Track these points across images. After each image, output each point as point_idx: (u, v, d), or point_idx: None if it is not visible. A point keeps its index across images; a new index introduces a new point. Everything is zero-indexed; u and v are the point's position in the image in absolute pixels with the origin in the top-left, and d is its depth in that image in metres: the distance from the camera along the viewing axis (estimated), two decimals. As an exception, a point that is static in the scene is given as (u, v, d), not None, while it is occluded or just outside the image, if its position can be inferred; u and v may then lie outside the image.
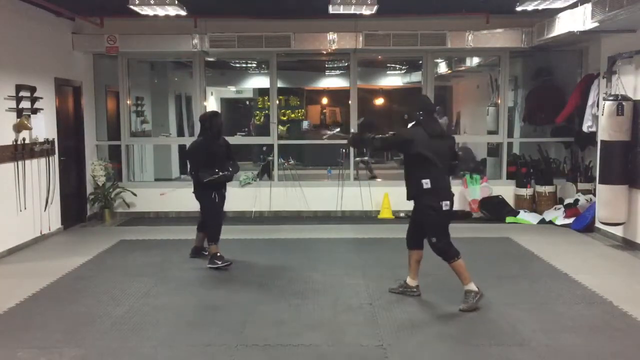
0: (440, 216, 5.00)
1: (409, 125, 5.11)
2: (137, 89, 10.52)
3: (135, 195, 9.42)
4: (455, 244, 5.14)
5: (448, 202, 4.99)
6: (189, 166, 6.81)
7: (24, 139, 7.28)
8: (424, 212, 5.08)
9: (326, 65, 13.16)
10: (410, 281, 5.40)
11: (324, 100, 15.16)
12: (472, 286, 4.97)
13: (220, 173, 6.31)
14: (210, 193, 6.43)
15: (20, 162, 7.20)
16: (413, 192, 5.11)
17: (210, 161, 6.31)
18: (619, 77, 7.25)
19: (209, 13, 8.60)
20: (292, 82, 13.26)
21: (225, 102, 15.88)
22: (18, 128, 7.17)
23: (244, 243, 7.68)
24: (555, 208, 8.93)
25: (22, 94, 7.24)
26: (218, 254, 6.39)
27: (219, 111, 6.44)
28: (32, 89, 7.46)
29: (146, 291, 5.59)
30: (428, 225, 5.08)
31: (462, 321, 4.77)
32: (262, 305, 5.16)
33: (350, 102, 9.72)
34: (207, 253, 6.63)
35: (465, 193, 9.32)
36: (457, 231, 8.22)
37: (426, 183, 4.93)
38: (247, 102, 15.37)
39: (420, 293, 5.36)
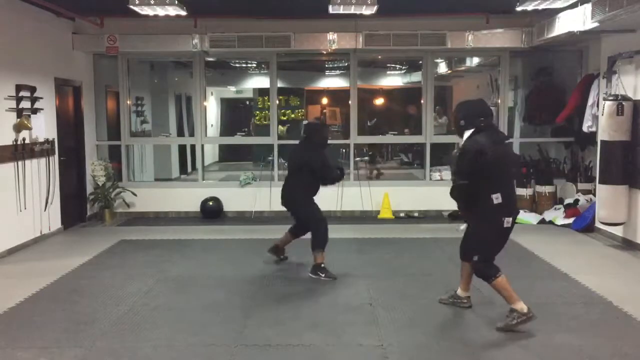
0: (499, 235, 4.52)
1: (466, 133, 4.57)
2: (137, 89, 10.52)
3: (135, 195, 9.42)
4: (456, 244, 5.13)
5: (510, 220, 4.48)
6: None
7: (24, 139, 7.28)
8: (483, 228, 4.56)
9: (326, 65, 13.16)
10: (460, 292, 5.03)
11: (324, 100, 15.16)
12: (520, 305, 4.45)
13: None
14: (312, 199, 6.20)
15: (20, 162, 7.20)
16: (476, 209, 4.53)
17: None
18: (619, 77, 7.25)
19: (209, 13, 8.60)
20: (292, 82, 13.25)
21: (225, 102, 15.90)
22: (18, 128, 7.16)
23: (244, 243, 7.68)
24: (555, 208, 8.93)
25: (22, 94, 7.24)
26: (322, 265, 6.00)
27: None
28: (32, 89, 7.46)
29: (146, 291, 5.59)
30: (479, 242, 4.60)
31: (462, 321, 4.77)
32: (262, 305, 5.17)
33: (350, 102, 9.72)
34: (282, 257, 6.54)
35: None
36: (457, 231, 8.27)
37: (496, 198, 4.39)
38: (247, 102, 15.37)
39: (471, 304, 5.00)
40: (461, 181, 4.51)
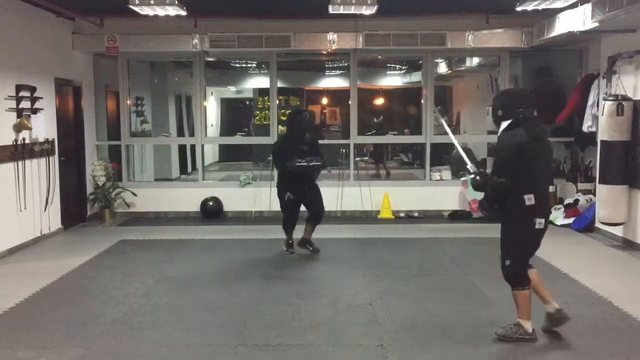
0: (531, 237, 4.23)
1: (503, 124, 4.22)
2: (137, 89, 10.52)
3: (135, 195, 9.41)
4: (456, 244, 5.13)
5: (543, 221, 4.17)
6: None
7: (24, 139, 7.28)
8: (513, 231, 4.26)
9: (326, 65, 13.16)
10: (550, 308, 4.40)
11: (324, 100, 15.17)
12: (527, 324, 4.26)
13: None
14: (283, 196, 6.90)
15: (20, 162, 7.20)
16: (508, 209, 4.22)
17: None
18: (619, 77, 7.25)
19: (209, 13, 8.59)
20: (292, 82, 13.26)
21: (225, 102, 15.90)
22: (18, 128, 7.16)
23: (244, 243, 7.68)
24: (555, 208, 8.92)
25: (22, 94, 7.24)
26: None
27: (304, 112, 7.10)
28: (32, 89, 7.46)
29: (146, 291, 5.59)
30: (509, 244, 4.29)
31: (462, 321, 4.77)
32: (262, 305, 5.16)
33: (350, 102, 9.72)
34: (311, 248, 6.97)
35: (465, 193, 9.32)
36: (457, 231, 8.29)
37: (529, 199, 4.08)
38: (247, 102, 15.38)
39: (567, 317, 4.39)
40: (500, 179, 4.10)
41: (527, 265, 4.33)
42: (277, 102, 9.94)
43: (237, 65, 13.14)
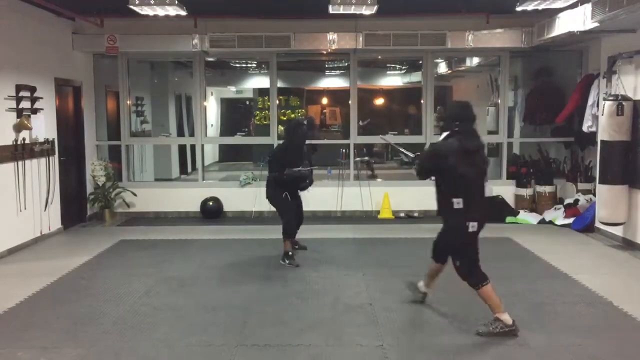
0: (466, 238, 4.48)
1: (443, 134, 4.61)
2: (137, 89, 10.52)
3: (135, 195, 9.42)
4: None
5: (476, 224, 4.44)
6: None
7: (24, 139, 7.28)
8: (449, 233, 4.62)
9: (326, 65, 13.17)
10: (421, 286, 5.10)
11: (324, 100, 15.18)
12: (505, 317, 4.43)
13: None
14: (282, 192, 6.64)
15: (20, 162, 7.20)
16: (443, 210, 4.58)
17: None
18: (619, 77, 7.25)
19: (209, 13, 8.60)
20: (292, 82, 13.27)
21: (225, 102, 15.91)
22: (18, 128, 7.17)
23: (244, 243, 7.68)
24: (555, 208, 8.93)
25: (22, 94, 7.24)
26: (289, 253, 6.61)
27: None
28: (32, 89, 7.46)
29: (146, 291, 5.59)
30: (452, 247, 4.63)
31: (462, 321, 4.77)
32: (262, 305, 5.16)
33: (350, 102, 9.72)
34: (297, 246, 6.99)
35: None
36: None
37: (457, 203, 4.41)
38: (247, 102, 15.39)
39: (424, 301, 5.11)
40: (418, 176, 4.69)
41: (477, 263, 4.57)
42: (277, 102, 9.94)
43: (237, 65, 13.15)
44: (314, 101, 14.90)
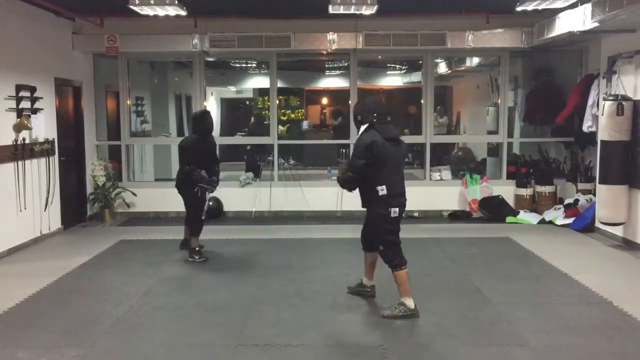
0: (389, 224, 4.84)
1: (362, 127, 4.94)
2: (137, 89, 10.51)
3: (135, 195, 9.41)
4: (456, 244, 5.14)
5: (397, 210, 4.83)
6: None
7: (24, 139, 7.28)
8: (373, 219, 4.93)
9: (326, 65, 13.17)
10: (365, 281, 5.39)
11: (324, 100, 15.19)
12: (409, 301, 4.84)
13: (211, 185, 6.63)
14: (193, 189, 6.59)
15: (20, 162, 7.20)
16: (367, 199, 4.92)
17: (202, 159, 6.53)
18: (619, 77, 7.25)
19: (209, 13, 8.60)
20: (292, 82, 13.27)
21: (225, 102, 15.90)
22: (18, 128, 7.16)
23: (244, 243, 7.68)
24: (555, 208, 8.93)
25: (22, 94, 7.24)
26: (197, 248, 6.72)
27: (209, 110, 7.00)
28: (32, 89, 7.46)
29: (146, 291, 5.59)
30: (376, 233, 4.95)
31: (462, 321, 4.77)
32: (262, 305, 5.16)
33: (350, 102, 9.71)
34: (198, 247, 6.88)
35: (465, 193, 9.32)
36: (457, 231, 8.29)
37: (382, 189, 4.77)
38: (247, 102, 15.39)
39: (374, 294, 5.31)
40: (351, 173, 4.86)
41: (399, 247, 4.93)
42: (277, 102, 9.94)
43: (237, 65, 13.14)
44: (314, 101, 14.92)
